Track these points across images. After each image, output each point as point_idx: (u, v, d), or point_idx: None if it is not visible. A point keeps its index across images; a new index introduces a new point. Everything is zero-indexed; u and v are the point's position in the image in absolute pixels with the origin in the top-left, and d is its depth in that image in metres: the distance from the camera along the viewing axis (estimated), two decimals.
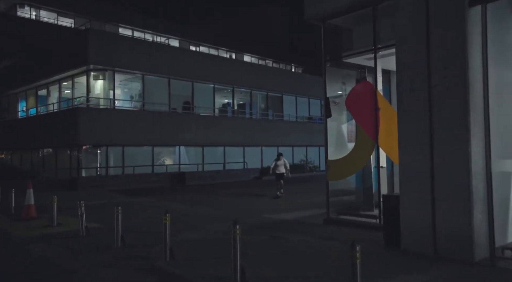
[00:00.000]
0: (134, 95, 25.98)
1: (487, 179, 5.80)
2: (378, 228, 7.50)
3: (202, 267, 5.71)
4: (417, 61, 6.23)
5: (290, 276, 5.25)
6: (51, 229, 9.25)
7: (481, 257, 5.65)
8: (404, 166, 6.48)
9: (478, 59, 5.86)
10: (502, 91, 6.08)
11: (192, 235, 8.04)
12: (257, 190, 18.51)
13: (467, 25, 5.69)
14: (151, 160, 24.07)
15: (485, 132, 5.83)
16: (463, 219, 5.64)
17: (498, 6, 6.02)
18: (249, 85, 30.94)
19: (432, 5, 6.04)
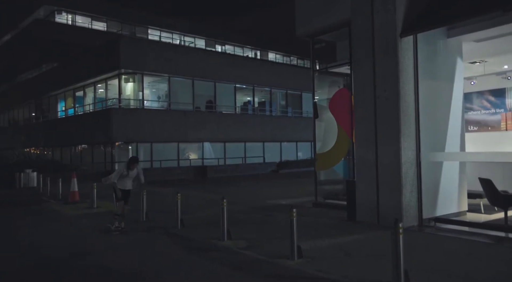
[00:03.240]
0: (161, 95, 28.50)
1: (417, 167, 7.61)
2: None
3: (202, 231, 7.85)
4: (366, 77, 8.07)
5: (263, 236, 7.29)
6: (92, 209, 11.63)
7: (410, 225, 7.47)
8: (359, 157, 8.36)
9: (411, 75, 7.65)
10: (431, 100, 7.85)
11: (201, 214, 10.18)
12: (271, 182, 20.49)
13: (398, 51, 7.49)
14: (176, 155, 26.52)
15: (415, 131, 7.63)
16: (396, 197, 7.48)
17: (429, 32, 7.76)
18: (269, 84, 32.83)
19: (376, 35, 7.86)
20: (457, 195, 8.30)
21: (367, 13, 8.04)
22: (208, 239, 7.28)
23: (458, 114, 8.52)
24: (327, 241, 6.88)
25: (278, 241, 6.86)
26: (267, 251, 6.31)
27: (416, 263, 5.37)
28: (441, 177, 8.00)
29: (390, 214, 7.52)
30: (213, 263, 5.93)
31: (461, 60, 8.64)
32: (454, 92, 8.40)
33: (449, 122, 8.27)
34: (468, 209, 8.49)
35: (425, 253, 6.05)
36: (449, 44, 8.29)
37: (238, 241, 6.98)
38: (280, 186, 17.73)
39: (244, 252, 6.39)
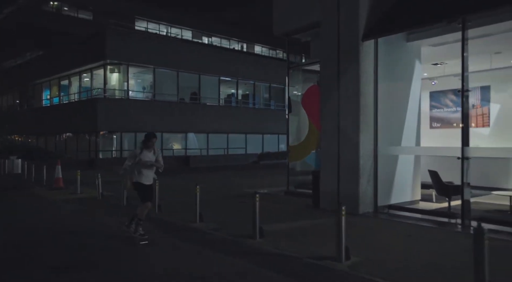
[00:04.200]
0: (146, 86, 28.90)
1: (374, 159, 8.40)
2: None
3: (178, 215, 8.54)
4: (332, 77, 8.80)
5: (233, 220, 8.01)
6: (76, 195, 12.20)
7: (366, 211, 8.29)
8: (324, 150, 9.12)
9: (371, 76, 8.40)
10: (389, 99, 8.63)
11: (179, 200, 10.84)
12: (251, 172, 21.22)
13: (360, 53, 8.22)
14: (160, 145, 27.03)
15: (374, 127, 8.41)
16: (354, 186, 8.27)
17: (389, 37, 8.50)
18: (253, 77, 33.47)
19: (341, 38, 8.58)
20: (411, 185, 9.15)
21: (334, 18, 8.75)
22: (182, 221, 7.98)
23: (415, 112, 9.32)
24: (290, 224, 7.65)
25: (246, 224, 7.55)
26: (234, 232, 7.03)
27: (362, 242, 6.16)
28: (397, 169, 8.82)
29: (349, 201, 8.28)
30: (184, 241, 6.63)
31: (419, 63, 9.43)
32: (411, 92, 9.19)
33: (406, 119, 9.07)
34: (421, 198, 9.37)
35: (373, 234, 6.85)
36: (408, 48, 9.06)
37: (209, 224, 7.69)
38: (259, 176, 18.48)
39: (213, 233, 7.10)
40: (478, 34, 7.98)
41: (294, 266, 5.27)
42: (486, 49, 9.56)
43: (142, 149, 6.50)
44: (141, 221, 6.49)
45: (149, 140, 6.52)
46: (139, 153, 6.47)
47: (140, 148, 6.53)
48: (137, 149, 6.62)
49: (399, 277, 4.67)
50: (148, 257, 5.80)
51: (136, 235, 6.44)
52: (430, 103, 13.71)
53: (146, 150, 6.51)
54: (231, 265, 5.36)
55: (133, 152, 6.68)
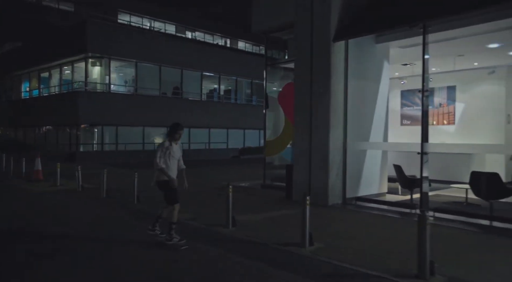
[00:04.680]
0: (128, 80, 28.88)
1: (343, 154, 8.91)
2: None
3: (156, 205, 8.87)
4: (305, 75, 9.25)
5: (209, 211, 8.41)
6: (56, 187, 12.37)
7: (335, 203, 8.80)
8: (297, 145, 9.58)
9: (342, 75, 8.88)
10: (359, 97, 9.13)
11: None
12: (231, 166, 21.61)
13: (331, 54, 8.69)
14: (141, 139, 27.17)
15: (343, 124, 8.91)
16: (324, 179, 8.77)
17: (359, 38, 8.98)
18: (236, 72, 33.75)
19: (314, 39, 9.03)
20: (379, 179, 9.71)
21: (307, 19, 9.18)
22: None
23: (383, 109, 9.87)
24: (262, 215, 8.10)
25: (220, 214, 7.97)
26: (208, 222, 7.43)
27: (327, 230, 6.65)
28: (365, 163, 9.36)
29: (319, 193, 8.82)
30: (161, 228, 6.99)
31: (388, 63, 9.96)
32: (380, 91, 9.73)
33: (375, 117, 9.60)
34: (387, 191, 9.95)
35: (338, 224, 7.35)
36: (377, 49, 9.57)
37: (185, 214, 8.06)
38: (238, 170, 18.90)
39: (188, 222, 7.49)
40: (441, 38, 8.54)
41: (262, 252, 5.70)
42: (450, 51, 10.16)
43: (172, 140, 5.79)
44: (174, 225, 5.82)
45: (176, 131, 5.80)
46: (169, 146, 5.74)
47: (168, 140, 5.77)
48: (165, 141, 5.79)
49: (354, 260, 5.15)
50: (128, 244, 6.15)
51: (172, 243, 5.76)
52: (401, 102, 14.35)
53: (173, 142, 5.83)
54: (204, 251, 5.76)
55: (162, 145, 5.78)
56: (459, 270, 4.71)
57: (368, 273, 4.68)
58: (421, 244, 4.50)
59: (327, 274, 4.75)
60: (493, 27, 8.00)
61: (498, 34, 8.52)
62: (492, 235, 6.42)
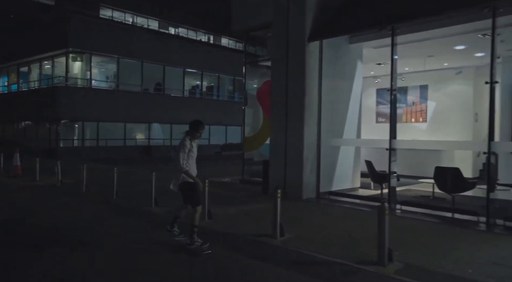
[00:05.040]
0: (110, 75, 28.71)
1: (317, 150, 9.27)
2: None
3: (134, 200, 9.09)
4: (281, 73, 9.55)
5: (178, 203, 8.64)
6: (35, 182, 12.40)
7: (309, 197, 9.16)
8: (273, 141, 9.90)
9: (316, 74, 9.22)
10: (333, 95, 9.50)
11: (138, 187, 11.35)
12: (213, 162, 21.83)
13: (306, 53, 9.02)
14: (123, 135, 27.10)
15: (317, 121, 9.26)
16: (298, 174, 9.11)
17: (333, 39, 9.33)
18: (218, 69, 33.86)
19: (290, 39, 9.34)
20: (351, 174, 10.11)
21: (284, 19, 9.48)
22: (138, 206, 8.55)
23: (356, 107, 10.25)
24: (239, 208, 8.39)
25: None
26: (186, 215, 7.68)
27: (299, 222, 6.99)
28: (338, 159, 9.74)
29: (294, 188, 9.16)
30: (140, 221, 7.23)
31: (361, 63, 10.35)
32: (353, 89, 10.11)
33: (348, 114, 9.99)
34: (360, 186, 10.36)
35: (310, 216, 7.70)
36: (351, 49, 9.94)
37: (164, 208, 8.30)
38: (219, 166, 19.15)
39: (165, 215, 7.72)
40: (410, 39, 8.96)
41: (236, 242, 6.00)
42: (420, 52, 10.62)
43: (192, 139, 5.42)
44: (196, 229, 5.47)
45: (197, 130, 5.45)
46: (190, 146, 5.35)
47: (188, 139, 5.37)
48: (186, 141, 5.35)
49: (321, 248, 5.49)
50: (103, 236, 6.36)
51: (194, 247, 5.40)
52: (376, 100, 14.83)
53: (193, 141, 5.45)
54: (180, 241, 6.01)
55: (185, 146, 5.33)
56: (416, 257, 5.09)
57: (333, 261, 5.02)
58: (380, 233, 4.85)
59: (294, 262, 5.07)
60: (458, 30, 8.45)
61: (463, 37, 8.98)
62: (452, 226, 6.86)
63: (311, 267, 4.86)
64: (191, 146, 5.37)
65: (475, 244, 5.68)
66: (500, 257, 5.07)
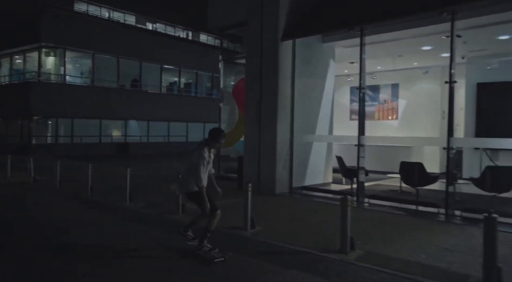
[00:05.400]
0: (85, 71, 28.26)
1: (290, 146, 9.53)
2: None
3: (106, 195, 9.15)
4: (255, 71, 9.76)
5: (161, 200, 8.78)
6: (6, 179, 12.24)
7: (282, 192, 9.42)
8: (247, 137, 10.11)
9: (289, 73, 9.47)
10: (305, 93, 9.77)
11: (113, 184, 11.37)
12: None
13: (279, 52, 9.25)
14: (98, 131, 26.77)
15: (290, 118, 9.51)
16: (272, 170, 9.35)
17: (306, 38, 9.58)
18: (196, 65, 33.75)
19: (264, 37, 9.55)
20: (324, 170, 10.43)
21: (258, 18, 9.69)
22: (113, 201, 8.61)
23: (329, 105, 10.56)
24: None
25: (171, 203, 8.39)
26: (160, 210, 7.81)
27: (270, 216, 7.23)
28: (311, 155, 10.04)
29: (267, 183, 9.40)
30: (112, 216, 7.31)
31: (334, 62, 10.66)
32: (326, 87, 10.41)
33: (320, 111, 10.28)
34: (332, 181, 10.69)
35: (282, 210, 7.95)
36: (323, 49, 10.23)
37: (138, 203, 8.41)
38: None
39: (141, 210, 7.84)
40: (380, 39, 9.31)
41: (209, 235, 6.18)
42: (390, 52, 11.02)
43: (211, 148, 5.15)
44: (209, 234, 5.17)
45: (217, 140, 5.11)
46: (208, 156, 5.05)
47: (206, 149, 5.06)
48: (204, 152, 5.02)
49: (289, 239, 5.74)
50: (82, 229, 6.43)
51: (203, 251, 5.08)
52: (350, 97, 15.24)
53: (212, 151, 5.19)
54: (155, 234, 6.17)
55: (203, 157, 4.99)
56: (377, 245, 5.40)
57: (299, 250, 5.28)
58: (343, 223, 5.14)
59: (263, 252, 5.29)
60: (424, 32, 8.84)
61: (429, 38, 9.37)
62: (414, 218, 7.24)
63: (279, 256, 5.09)
64: (209, 156, 5.06)
65: (432, 233, 6.04)
66: (452, 244, 5.43)
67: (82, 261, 4.88)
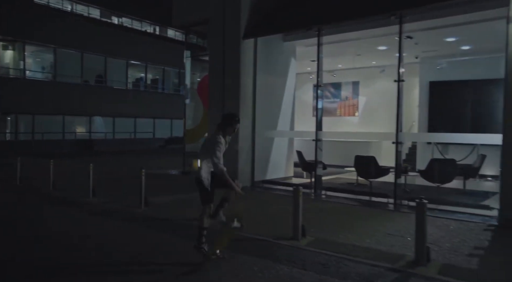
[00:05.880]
0: (46, 66, 27.48)
1: (252, 141, 9.84)
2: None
3: (72, 191, 9.14)
4: (218, 68, 9.99)
5: (125, 194, 8.88)
6: None
7: (245, 185, 9.68)
8: (210, 133, 10.31)
9: (251, 70, 9.76)
10: (267, 90, 10.10)
11: (77, 180, 11.30)
12: (156, 156, 21.85)
13: (241, 50, 9.53)
14: (61, 128, 26.16)
15: (252, 114, 9.82)
16: (233, 164, 9.62)
17: (268, 37, 9.90)
18: (163, 62, 33.49)
19: (226, 35, 9.80)
20: (285, 164, 10.81)
21: (220, 17, 9.92)
22: (75, 197, 8.64)
23: (290, 101, 10.94)
24: (175, 197, 8.76)
25: (135, 198, 8.52)
26: (124, 204, 7.93)
27: (231, 206, 7.49)
28: (272, 150, 10.39)
29: (230, 177, 9.64)
30: (75, 211, 7.38)
31: (295, 60, 11.04)
32: (287, 84, 10.79)
33: (282, 107, 10.65)
34: (294, 175, 11.09)
35: (244, 201, 8.21)
36: (285, 47, 10.58)
37: (102, 198, 8.48)
38: (162, 159, 19.22)
39: (104, 205, 7.93)
40: (338, 39, 9.76)
41: (169, 226, 6.41)
42: (349, 51, 11.52)
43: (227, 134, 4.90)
44: (204, 231, 5.00)
45: (231, 125, 4.91)
46: (224, 142, 4.78)
47: (221, 135, 4.80)
48: (219, 138, 4.76)
49: (246, 228, 6.00)
50: (44, 223, 6.48)
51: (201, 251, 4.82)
52: (313, 95, 15.72)
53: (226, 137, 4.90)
54: (118, 227, 6.33)
55: (220, 143, 4.72)
56: (328, 232, 5.79)
57: (255, 238, 5.60)
58: (295, 212, 5.49)
59: None
60: (378, 33, 9.35)
61: (384, 39, 9.91)
62: (367, 207, 7.73)
63: (235, 244, 5.39)
64: (225, 143, 4.77)
65: (380, 221, 6.52)
66: (396, 229, 5.92)
67: (44, 251, 5.00)
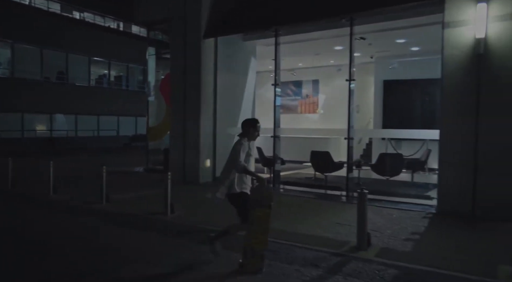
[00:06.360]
0: (3, 62, 26.51)
1: (213, 138, 10.10)
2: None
3: (33, 189, 9.09)
4: (180, 67, 10.18)
5: (87, 192, 8.93)
6: None
7: (206, 181, 9.98)
8: (173, 130, 10.53)
9: (212, 68, 10.01)
10: (228, 88, 10.39)
11: (36, 178, 11.17)
12: (121, 153, 21.66)
13: (202, 49, 9.76)
14: (20, 126, 25.36)
15: (213, 111, 10.08)
16: (195, 161, 9.87)
17: (228, 36, 10.17)
18: (127, 58, 32.98)
19: (187, 35, 10.00)
20: None
21: (181, 16, 10.10)
22: (36, 194, 8.63)
23: (250, 99, 11.28)
24: (138, 193, 8.93)
25: (97, 194, 8.60)
26: (85, 200, 8.01)
27: (191, 202, 7.76)
28: None
29: (192, 173, 9.90)
30: (37, 208, 7.41)
31: (255, 59, 11.38)
32: (247, 82, 11.11)
33: (242, 105, 10.96)
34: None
35: (203, 196, 8.49)
36: (245, 46, 10.90)
37: (63, 195, 8.51)
38: (127, 157, 19.14)
39: (66, 202, 7.98)
40: (296, 39, 10.17)
41: (132, 221, 6.61)
42: (308, 50, 11.98)
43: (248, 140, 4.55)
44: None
45: (255, 127, 4.59)
46: (248, 146, 4.49)
47: (246, 140, 4.52)
48: (244, 142, 4.50)
49: (202, 220, 6.36)
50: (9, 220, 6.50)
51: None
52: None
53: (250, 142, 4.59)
54: (82, 222, 6.47)
55: (242, 145, 4.46)
56: (280, 224, 6.15)
57: (209, 229, 5.89)
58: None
59: (180, 232, 5.85)
60: (334, 34, 9.81)
61: (340, 39, 10.39)
62: (321, 200, 8.19)
63: (192, 235, 5.69)
64: (249, 147, 4.53)
65: (331, 212, 6.98)
66: (345, 219, 6.38)
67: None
